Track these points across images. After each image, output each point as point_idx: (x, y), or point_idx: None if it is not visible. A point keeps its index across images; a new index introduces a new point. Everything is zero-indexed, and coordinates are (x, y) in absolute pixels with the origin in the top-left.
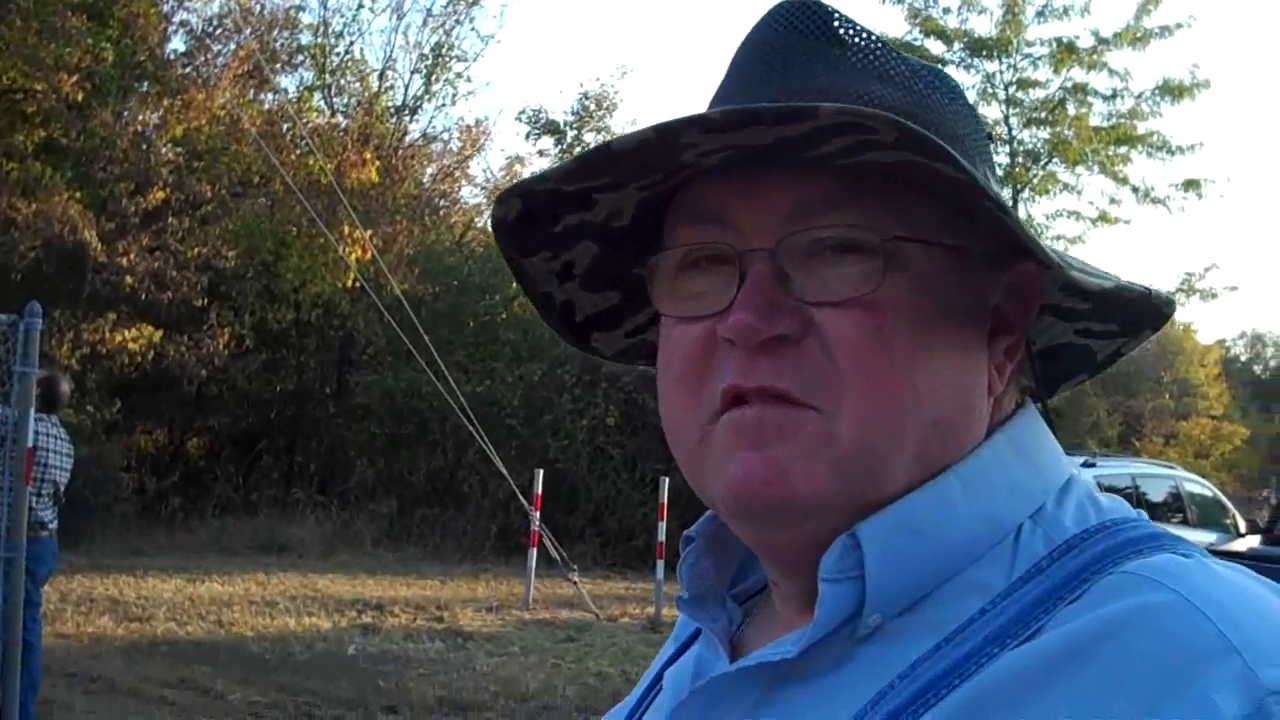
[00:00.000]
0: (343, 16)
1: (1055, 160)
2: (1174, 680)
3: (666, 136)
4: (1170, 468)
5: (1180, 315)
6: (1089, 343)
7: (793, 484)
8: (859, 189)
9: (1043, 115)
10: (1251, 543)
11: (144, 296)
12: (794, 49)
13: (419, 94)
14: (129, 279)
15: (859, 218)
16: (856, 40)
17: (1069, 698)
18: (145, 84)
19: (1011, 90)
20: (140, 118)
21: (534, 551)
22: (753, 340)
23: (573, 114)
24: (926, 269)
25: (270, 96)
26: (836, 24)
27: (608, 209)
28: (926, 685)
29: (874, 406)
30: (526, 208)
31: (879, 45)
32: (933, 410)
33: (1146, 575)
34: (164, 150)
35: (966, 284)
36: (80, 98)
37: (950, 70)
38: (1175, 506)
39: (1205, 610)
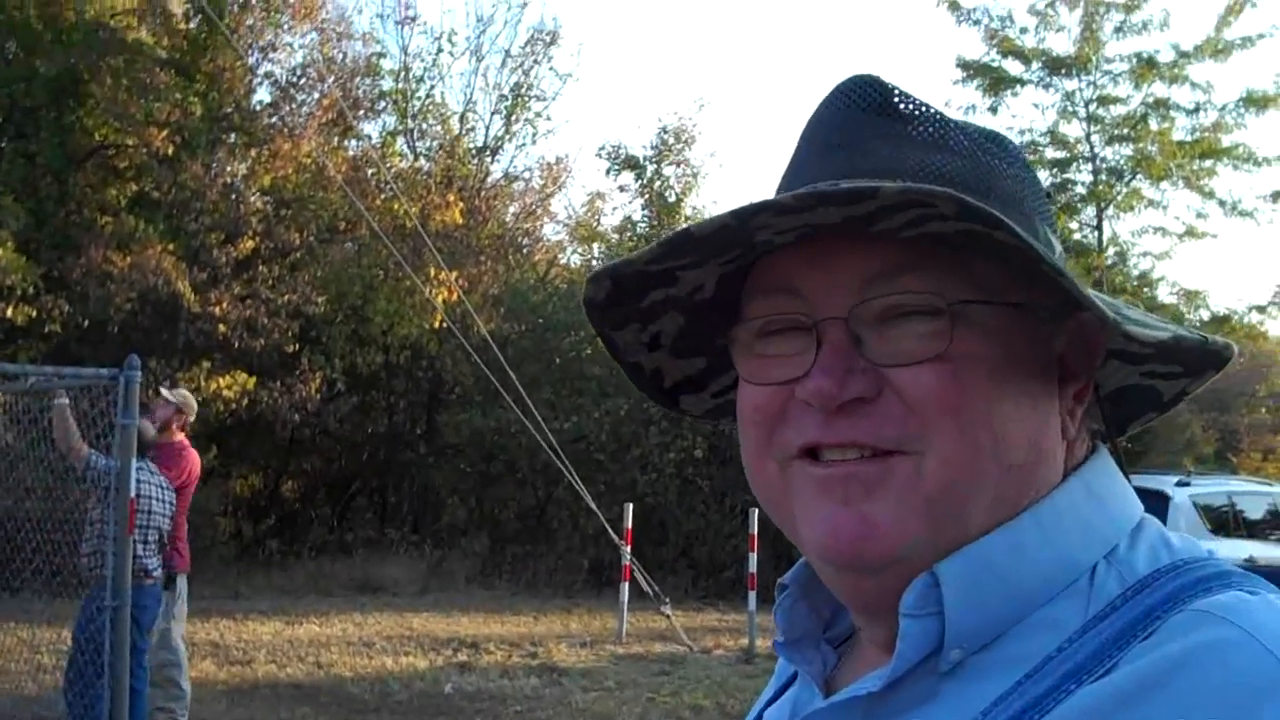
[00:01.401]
0: (423, 61)
1: (1139, 176)
2: (1237, 711)
3: (743, 219)
4: (1269, 485)
5: (1273, 328)
6: (1154, 383)
7: (883, 535)
8: (925, 255)
9: (1125, 131)
10: None
11: (237, 344)
12: (858, 126)
13: (499, 134)
14: (222, 327)
15: (926, 284)
16: (917, 114)
17: None
18: (233, 135)
19: (1092, 107)
20: (229, 169)
21: (625, 585)
22: (831, 405)
23: (652, 148)
24: (993, 324)
25: (354, 143)
26: (897, 99)
27: (691, 284)
28: None
29: (958, 445)
30: (615, 286)
31: (938, 117)
32: (1010, 454)
33: (1213, 612)
34: (253, 199)
35: (1033, 336)
36: (170, 151)
37: (1029, 90)
38: (1275, 524)
39: (1267, 644)
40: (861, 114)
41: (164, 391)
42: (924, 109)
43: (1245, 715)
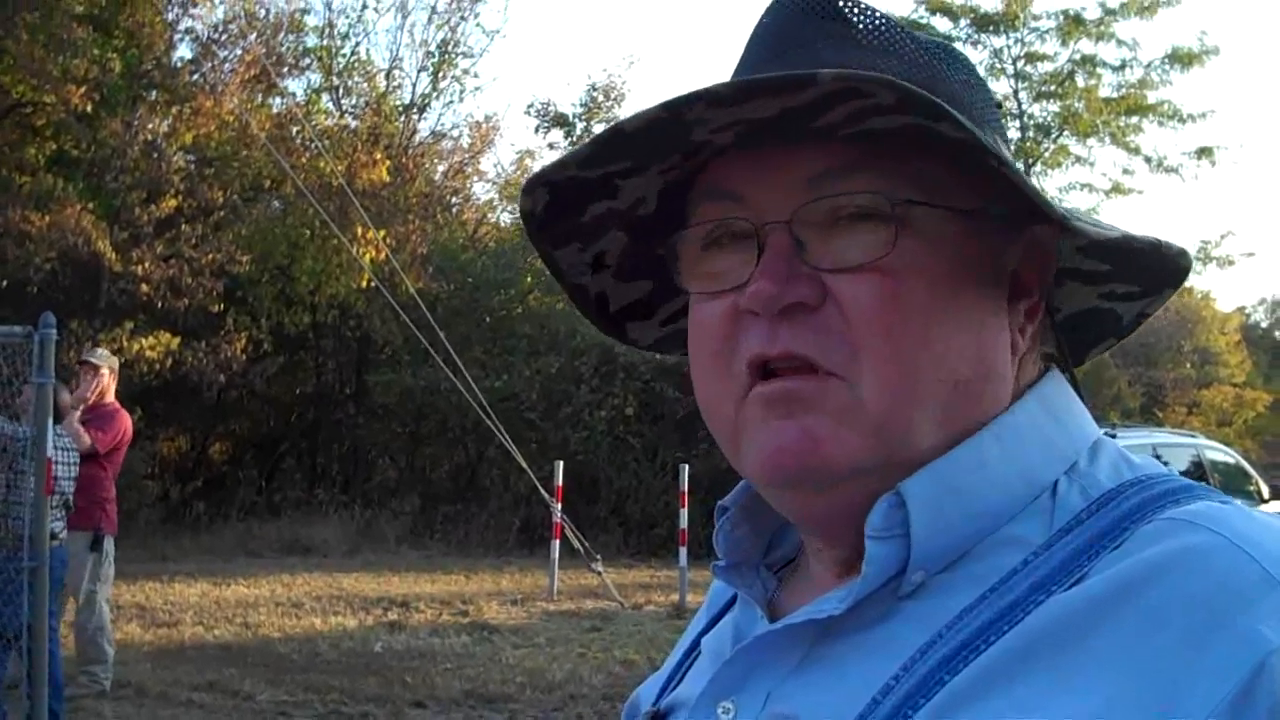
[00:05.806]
0: (348, 17)
1: (1066, 133)
2: (1221, 615)
3: (675, 112)
4: (1191, 436)
5: (1198, 283)
6: (1114, 306)
7: (826, 450)
8: (871, 155)
9: (1052, 88)
10: (1277, 508)
11: (160, 304)
12: (802, 29)
13: (427, 92)
14: (145, 287)
15: (871, 184)
16: (862, 17)
17: (1119, 636)
18: (154, 92)
19: (1020, 64)
20: (150, 126)
21: (556, 543)
22: (773, 308)
23: (581, 106)
24: (941, 232)
25: (278, 100)
26: (842, 3)
27: (632, 196)
28: (975, 633)
29: (893, 369)
30: (553, 198)
31: (884, 21)
32: (953, 370)
33: (1187, 520)
34: (174, 158)
35: (983, 247)
36: (89, 109)
37: (957, 47)
38: (1197, 475)
39: (1248, 549)
40: (806, 17)
41: (87, 357)
42: (870, 13)
43: (1230, 617)
